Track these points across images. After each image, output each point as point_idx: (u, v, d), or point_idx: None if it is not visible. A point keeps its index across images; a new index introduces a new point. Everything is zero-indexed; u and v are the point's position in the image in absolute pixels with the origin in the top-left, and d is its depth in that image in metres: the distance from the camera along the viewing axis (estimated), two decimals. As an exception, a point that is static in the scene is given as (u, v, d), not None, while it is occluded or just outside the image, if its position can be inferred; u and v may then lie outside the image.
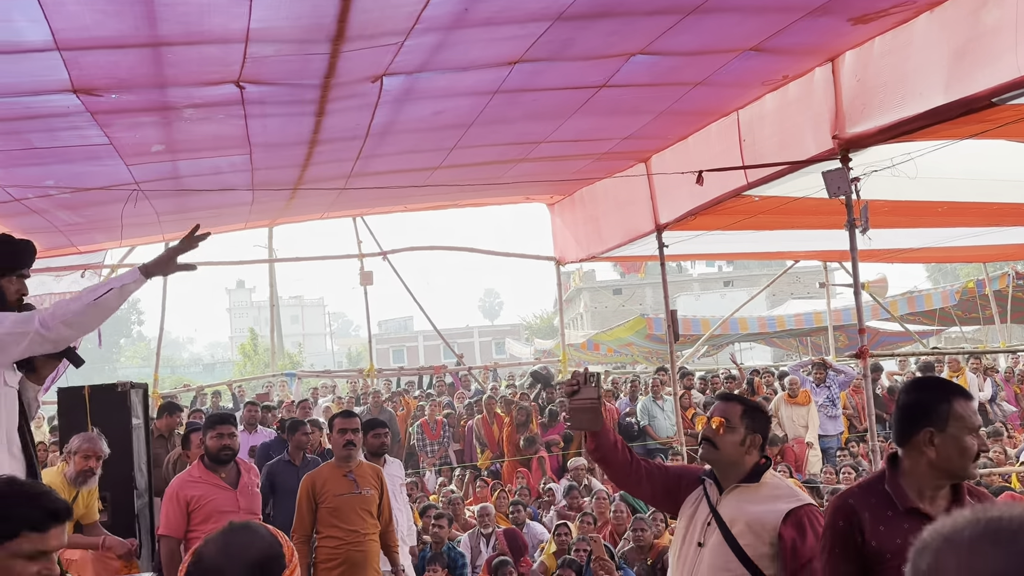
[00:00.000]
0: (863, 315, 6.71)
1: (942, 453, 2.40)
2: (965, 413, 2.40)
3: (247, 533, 1.72)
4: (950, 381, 2.62)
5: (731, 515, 2.96)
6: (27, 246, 2.98)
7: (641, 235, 9.52)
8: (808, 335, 19.90)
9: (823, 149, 6.54)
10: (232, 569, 1.64)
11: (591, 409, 3.15)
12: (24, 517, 1.99)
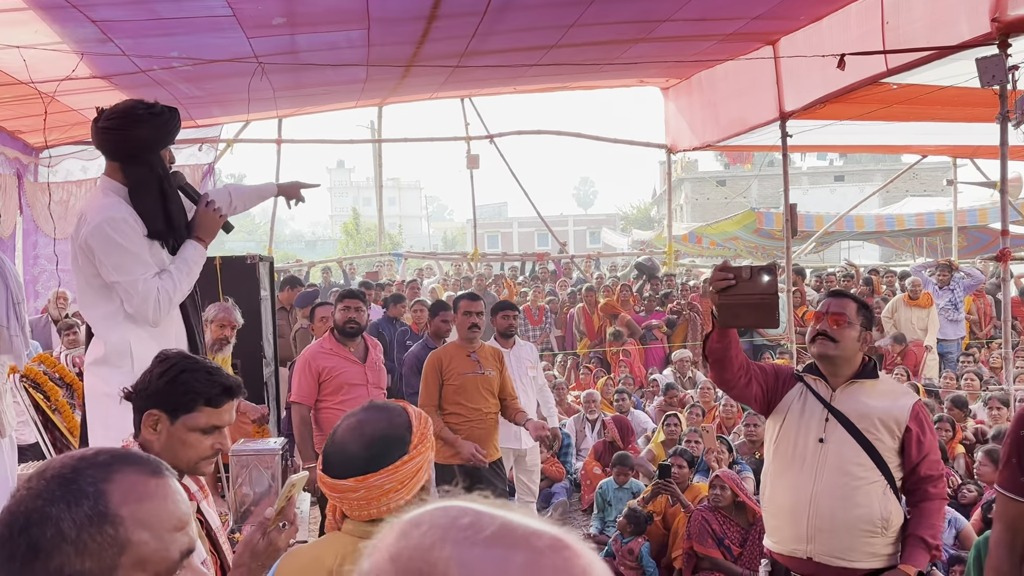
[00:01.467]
0: (1007, 215, 6.31)
1: None
2: None
3: (377, 412, 1.76)
4: None
5: (856, 410, 2.97)
6: (177, 116, 2.99)
7: (763, 123, 9.11)
8: (927, 235, 19.00)
9: (979, 33, 6.02)
10: (354, 444, 1.70)
11: (766, 305, 2.87)
12: (201, 392, 2.06)
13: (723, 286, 2.84)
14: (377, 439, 1.69)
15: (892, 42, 6.79)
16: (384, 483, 1.68)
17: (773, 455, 3.12)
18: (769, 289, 2.86)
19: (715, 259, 20.95)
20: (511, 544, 0.70)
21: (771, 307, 2.88)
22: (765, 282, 2.84)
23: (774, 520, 3.10)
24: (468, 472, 4.82)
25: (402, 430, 1.73)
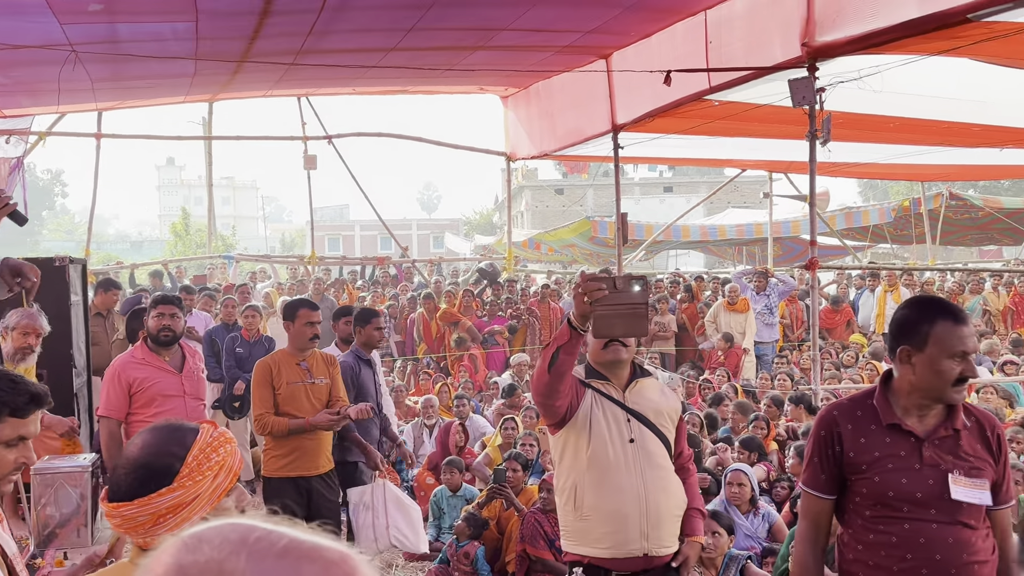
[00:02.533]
0: (815, 227, 6.78)
1: (919, 373, 2.41)
2: (946, 336, 2.35)
3: (156, 435, 1.65)
4: (944, 301, 2.55)
5: (648, 408, 3.20)
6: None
7: (597, 135, 9.39)
8: (746, 244, 20.24)
9: (791, 56, 6.44)
10: (122, 467, 1.61)
11: (638, 315, 2.88)
12: (6, 401, 1.88)
13: (598, 296, 2.81)
14: (139, 466, 1.58)
15: (715, 61, 7.17)
16: (137, 515, 1.57)
17: (588, 464, 3.12)
18: (640, 298, 2.88)
19: (552, 265, 21.45)
20: (302, 556, 0.74)
21: (642, 316, 2.91)
22: (636, 291, 2.85)
23: (603, 527, 3.09)
24: (300, 486, 4.67)
25: (169, 459, 1.59)
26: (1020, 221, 17.41)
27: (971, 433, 2.45)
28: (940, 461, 2.40)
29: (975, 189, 35.42)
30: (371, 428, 5.41)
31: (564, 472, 3.20)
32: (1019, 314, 12.33)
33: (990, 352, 10.15)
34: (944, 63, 6.49)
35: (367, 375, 5.47)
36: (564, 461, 3.19)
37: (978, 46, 5.69)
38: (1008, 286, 12.89)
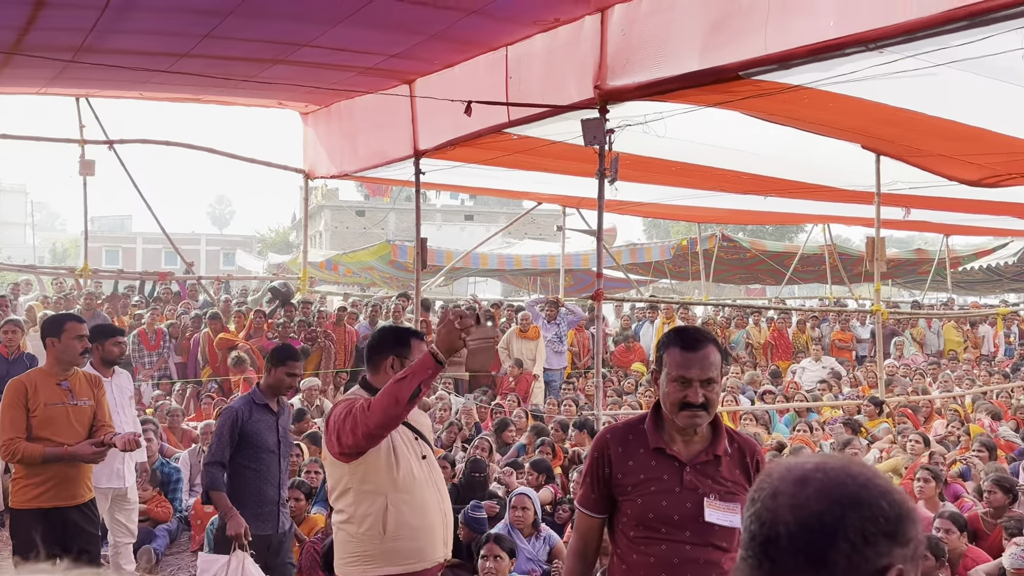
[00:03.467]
0: (602, 260, 7.12)
1: (661, 395, 2.59)
2: (671, 360, 2.52)
3: None
4: (686, 330, 2.68)
5: (421, 423, 3.48)
6: None
7: (399, 159, 9.38)
8: (540, 275, 20.93)
9: (584, 97, 6.76)
10: None
11: (491, 349, 3.14)
12: None
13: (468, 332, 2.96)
14: None
15: (514, 95, 7.39)
16: None
17: (400, 485, 3.20)
18: (492, 333, 3.06)
19: (350, 287, 21.11)
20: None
21: (493, 351, 3.07)
22: (490, 327, 3.03)
23: (414, 543, 3.21)
24: (53, 518, 4.26)
25: None
26: (780, 263, 19.22)
27: (732, 459, 2.59)
28: (699, 485, 2.53)
29: (744, 232, 38.73)
30: (264, 486, 4.55)
31: (366, 498, 3.18)
32: (778, 348, 13.54)
33: (752, 382, 11.06)
34: (720, 115, 7.07)
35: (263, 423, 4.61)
36: (365, 487, 3.18)
37: (748, 101, 6.24)
38: (769, 322, 14.13)
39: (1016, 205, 11.08)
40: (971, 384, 11.10)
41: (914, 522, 1.10)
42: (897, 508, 1.09)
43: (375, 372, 3.36)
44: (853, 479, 1.12)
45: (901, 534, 1.08)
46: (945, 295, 22.47)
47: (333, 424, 3.10)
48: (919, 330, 15.65)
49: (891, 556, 1.06)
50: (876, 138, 7.69)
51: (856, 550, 1.06)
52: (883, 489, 1.11)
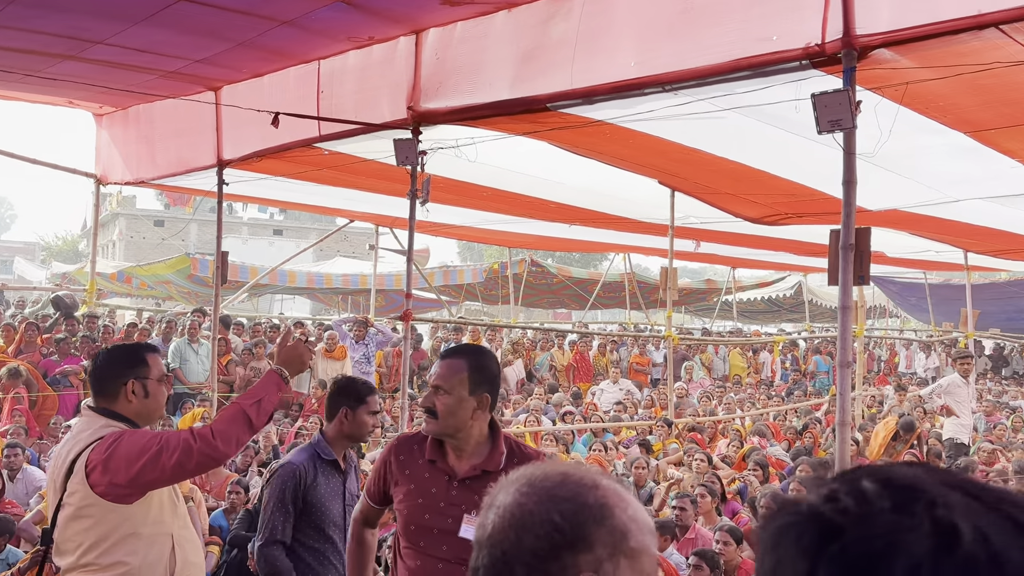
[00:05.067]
0: (411, 280, 7.09)
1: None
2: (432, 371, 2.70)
3: None
4: (455, 348, 2.97)
5: None
6: None
7: (201, 167, 8.94)
8: (352, 294, 20.60)
9: (397, 117, 6.75)
10: None
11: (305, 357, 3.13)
12: None
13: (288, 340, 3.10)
14: None
15: (325, 110, 7.25)
16: None
17: (176, 523, 2.92)
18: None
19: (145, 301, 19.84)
20: None
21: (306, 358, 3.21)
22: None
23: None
24: None
25: None
26: (584, 289, 20.02)
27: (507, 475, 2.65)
28: (464, 501, 2.56)
29: (553, 258, 40.06)
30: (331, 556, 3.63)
31: (152, 543, 2.79)
32: (580, 370, 14.05)
33: (556, 404, 11.41)
34: (530, 144, 7.28)
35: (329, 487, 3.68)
36: (148, 529, 2.76)
37: (555, 132, 6.47)
38: (572, 345, 14.64)
39: (792, 242, 12.15)
40: (751, 406, 11.99)
41: (600, 522, 1.08)
42: (573, 516, 1.07)
43: (113, 400, 2.87)
44: (532, 496, 1.10)
45: (583, 540, 1.06)
46: (732, 323, 24.25)
47: (124, 460, 2.66)
48: (708, 355, 16.76)
49: (576, 566, 1.05)
50: (671, 175, 8.19)
51: (534, 571, 1.05)
52: (561, 498, 1.09)
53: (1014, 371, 20.52)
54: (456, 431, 2.60)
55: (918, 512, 0.60)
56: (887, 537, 0.59)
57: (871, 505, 0.62)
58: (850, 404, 4.81)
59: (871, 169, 6.68)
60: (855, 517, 0.61)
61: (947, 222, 9.76)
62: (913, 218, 9.53)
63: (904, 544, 0.59)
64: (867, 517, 0.61)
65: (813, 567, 0.60)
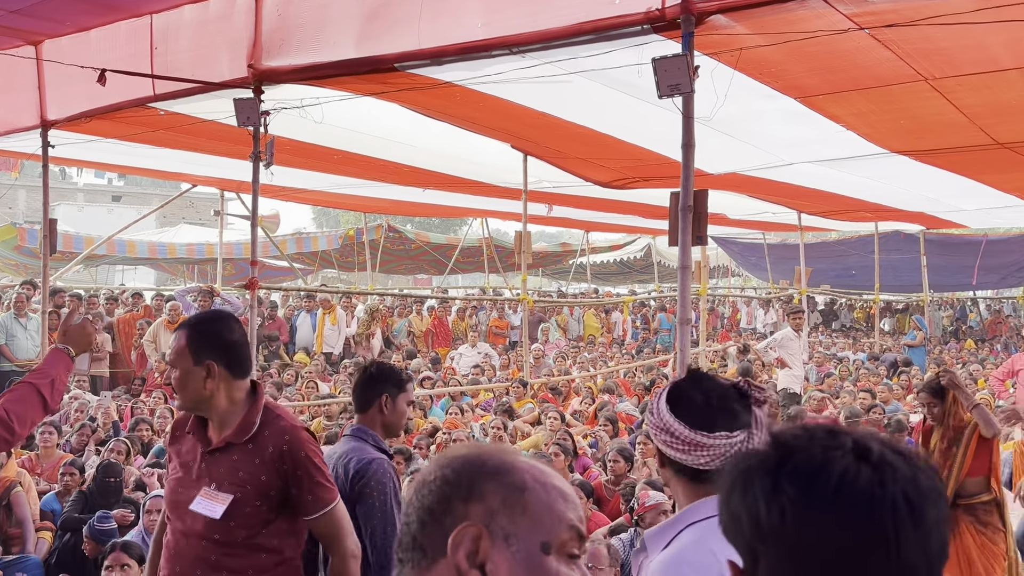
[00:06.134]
0: (256, 247, 6.84)
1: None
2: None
3: None
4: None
5: None
6: None
7: (23, 128, 8.26)
8: (199, 263, 19.73)
9: (237, 75, 6.44)
10: None
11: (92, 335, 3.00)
12: None
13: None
14: None
15: (160, 68, 6.83)
16: None
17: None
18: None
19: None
20: None
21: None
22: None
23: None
24: None
25: None
26: (444, 255, 19.99)
27: (254, 449, 2.50)
28: (207, 473, 2.51)
29: (411, 224, 39.78)
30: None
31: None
32: (438, 335, 14.05)
33: (415, 370, 11.36)
34: (380, 105, 7.12)
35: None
36: None
37: (404, 94, 6.35)
38: (431, 311, 14.62)
39: (641, 205, 12.52)
40: (603, 365, 12.36)
41: (494, 477, 1.11)
42: (464, 470, 1.11)
43: None
44: (437, 461, 1.16)
45: (473, 491, 1.09)
46: (586, 285, 24.88)
47: None
48: (563, 317, 17.13)
49: (466, 515, 1.08)
50: (524, 139, 8.24)
51: (436, 522, 1.09)
52: (461, 459, 1.14)
53: (843, 324, 22.09)
54: (196, 403, 2.53)
55: (841, 438, 0.91)
56: (824, 454, 0.89)
57: (813, 436, 0.92)
58: (690, 359, 5.03)
59: (711, 133, 6.94)
60: (803, 442, 0.91)
61: (782, 184, 10.31)
62: (751, 181, 10.01)
63: (835, 458, 0.88)
64: (809, 443, 0.91)
65: (776, 480, 0.89)
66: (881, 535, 0.84)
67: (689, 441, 1.71)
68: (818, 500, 0.86)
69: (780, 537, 0.88)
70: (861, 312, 21.64)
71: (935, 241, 17.77)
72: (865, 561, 0.85)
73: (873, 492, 0.85)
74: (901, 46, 4.89)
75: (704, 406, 1.74)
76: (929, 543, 0.86)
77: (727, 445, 1.69)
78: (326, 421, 8.03)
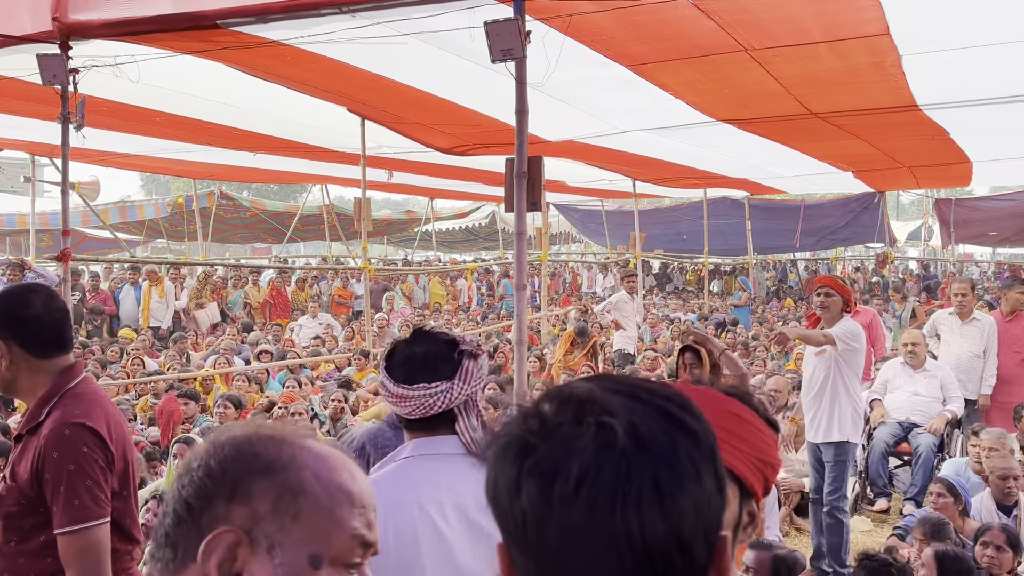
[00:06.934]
0: (68, 216, 6.35)
1: None
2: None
3: None
4: None
5: None
6: None
7: None
8: (11, 235, 18.18)
9: (40, 29, 5.90)
10: None
11: None
12: None
13: None
14: None
15: (-52, 18, 6.16)
16: None
17: None
18: None
19: None
20: None
21: None
22: None
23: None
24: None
25: None
26: (282, 223, 19.33)
27: (36, 440, 2.26)
28: (12, 462, 2.30)
29: (248, 191, 38.26)
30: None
31: None
32: (277, 307, 13.62)
33: (252, 344, 10.98)
34: (203, 64, 6.72)
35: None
36: None
37: (229, 53, 6.03)
38: (269, 282, 14.15)
39: (485, 172, 12.55)
40: (448, 332, 12.38)
41: (267, 474, 0.98)
42: (231, 463, 0.99)
43: None
44: (206, 444, 1.03)
45: (240, 490, 0.97)
46: (432, 253, 24.83)
47: None
48: (408, 285, 17.01)
49: (228, 517, 0.96)
50: (360, 102, 8.02)
51: (192, 520, 0.97)
52: (231, 446, 1.01)
53: (676, 287, 23.13)
54: (4, 387, 2.35)
55: (587, 420, 0.77)
56: (564, 445, 0.76)
57: (551, 423, 0.78)
58: (527, 325, 5.09)
59: (546, 100, 7.01)
60: (541, 435, 0.77)
61: (617, 152, 10.59)
62: (587, 148, 10.23)
63: (576, 449, 0.75)
64: (549, 432, 0.77)
65: (517, 476, 0.77)
66: (625, 530, 0.74)
67: (396, 394, 1.84)
68: (559, 500, 0.75)
69: (521, 537, 0.78)
70: (693, 275, 22.72)
71: (759, 207, 18.86)
72: (603, 553, 0.74)
73: (617, 489, 0.73)
74: (722, 16, 5.07)
75: (407, 361, 1.86)
76: (683, 523, 0.75)
77: (426, 395, 1.81)
78: (153, 399, 7.62)
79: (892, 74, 6.48)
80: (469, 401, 1.86)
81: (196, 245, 17.53)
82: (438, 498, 1.78)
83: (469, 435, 1.84)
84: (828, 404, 5.19)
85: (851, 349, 5.12)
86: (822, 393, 5.22)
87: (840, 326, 5.12)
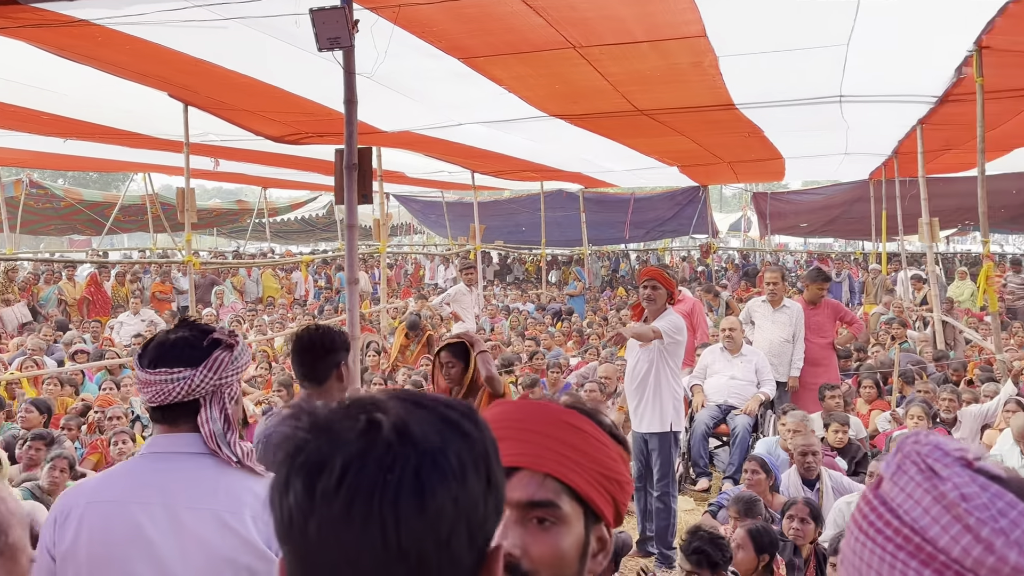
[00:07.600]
0: None
1: None
2: None
3: None
4: None
5: None
6: None
7: None
8: None
9: None
10: None
11: None
12: None
13: None
14: None
15: None
16: None
17: None
18: None
19: None
20: None
21: None
22: None
23: None
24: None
25: None
26: (102, 213, 18.10)
27: None
28: None
29: (65, 179, 35.61)
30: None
31: None
32: (95, 303, 12.76)
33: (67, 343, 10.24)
34: (3, 43, 6.17)
35: None
36: None
37: (32, 31, 5.58)
38: (87, 277, 13.23)
39: (321, 162, 12.24)
40: (282, 327, 12.03)
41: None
42: None
43: None
44: None
45: None
46: (267, 244, 24.00)
47: None
48: (240, 278, 16.37)
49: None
50: (182, 87, 7.63)
51: None
52: None
53: (516, 278, 23.49)
54: None
55: (359, 417, 0.77)
56: (332, 441, 0.76)
57: (322, 420, 0.78)
58: (358, 319, 5.01)
59: (379, 90, 6.92)
60: (311, 432, 0.77)
61: (454, 144, 10.62)
62: (425, 140, 10.19)
63: (343, 442, 0.75)
64: (320, 429, 0.77)
65: (287, 474, 0.76)
66: (381, 523, 0.72)
67: (140, 379, 1.81)
68: (321, 494, 0.74)
69: (286, 536, 0.77)
70: (532, 266, 23.13)
71: (592, 199, 19.45)
72: (359, 547, 0.73)
73: (377, 481, 0.72)
74: (550, 13, 5.17)
75: (158, 346, 1.83)
76: (441, 521, 0.73)
77: (166, 381, 1.78)
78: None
79: (710, 74, 6.84)
80: (216, 393, 1.83)
81: (2, 237, 16.14)
82: (145, 498, 1.75)
83: (209, 427, 1.81)
84: (652, 394, 5.40)
85: (675, 342, 5.35)
86: (645, 383, 5.41)
87: (666, 320, 5.33)
